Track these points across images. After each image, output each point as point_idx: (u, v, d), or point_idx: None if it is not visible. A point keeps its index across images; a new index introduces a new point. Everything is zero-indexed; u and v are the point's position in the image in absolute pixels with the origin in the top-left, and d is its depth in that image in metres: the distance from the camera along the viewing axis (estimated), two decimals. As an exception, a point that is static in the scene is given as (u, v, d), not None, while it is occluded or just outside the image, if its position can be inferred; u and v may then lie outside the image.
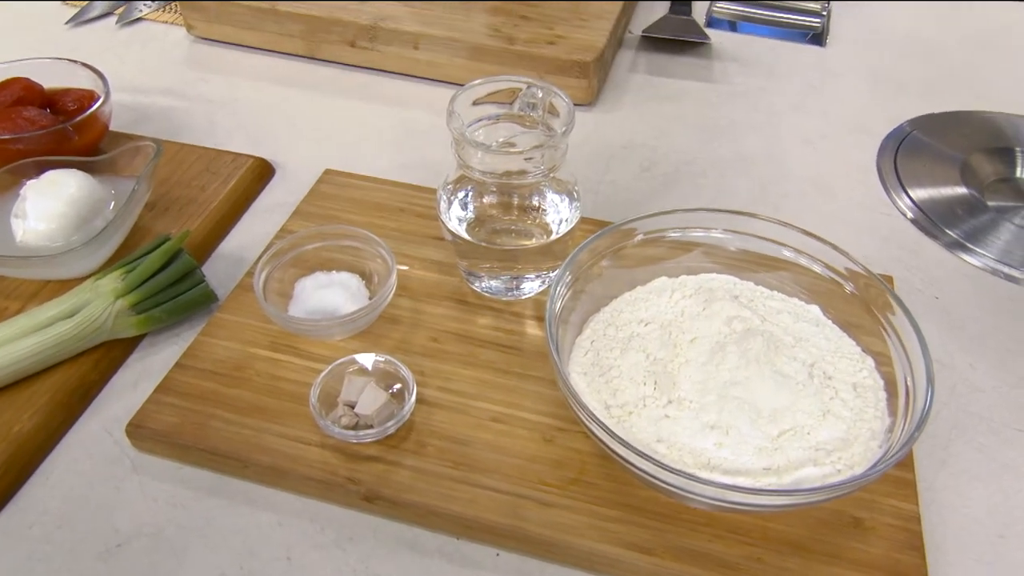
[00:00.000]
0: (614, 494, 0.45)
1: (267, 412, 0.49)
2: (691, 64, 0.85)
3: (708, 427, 0.42)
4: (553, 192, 0.53)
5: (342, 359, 0.50)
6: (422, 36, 0.78)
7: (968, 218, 0.67)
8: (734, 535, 0.43)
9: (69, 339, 0.51)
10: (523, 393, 0.51)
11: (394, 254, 0.54)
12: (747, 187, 0.69)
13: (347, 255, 0.57)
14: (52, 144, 0.62)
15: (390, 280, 0.52)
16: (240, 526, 0.46)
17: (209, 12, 0.84)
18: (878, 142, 0.75)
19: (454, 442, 0.48)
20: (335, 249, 0.57)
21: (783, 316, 0.48)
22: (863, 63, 0.86)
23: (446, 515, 0.45)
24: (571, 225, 0.53)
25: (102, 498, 0.47)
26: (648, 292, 0.51)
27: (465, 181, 0.53)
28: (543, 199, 0.54)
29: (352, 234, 0.56)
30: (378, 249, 0.55)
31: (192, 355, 0.53)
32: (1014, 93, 0.82)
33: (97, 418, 0.51)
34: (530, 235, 0.54)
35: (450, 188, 0.54)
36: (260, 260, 0.54)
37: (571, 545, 0.43)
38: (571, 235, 0.53)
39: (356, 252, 0.57)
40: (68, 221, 0.57)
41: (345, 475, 0.46)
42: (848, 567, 0.42)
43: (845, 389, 0.44)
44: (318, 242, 0.56)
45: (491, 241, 0.54)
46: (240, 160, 0.68)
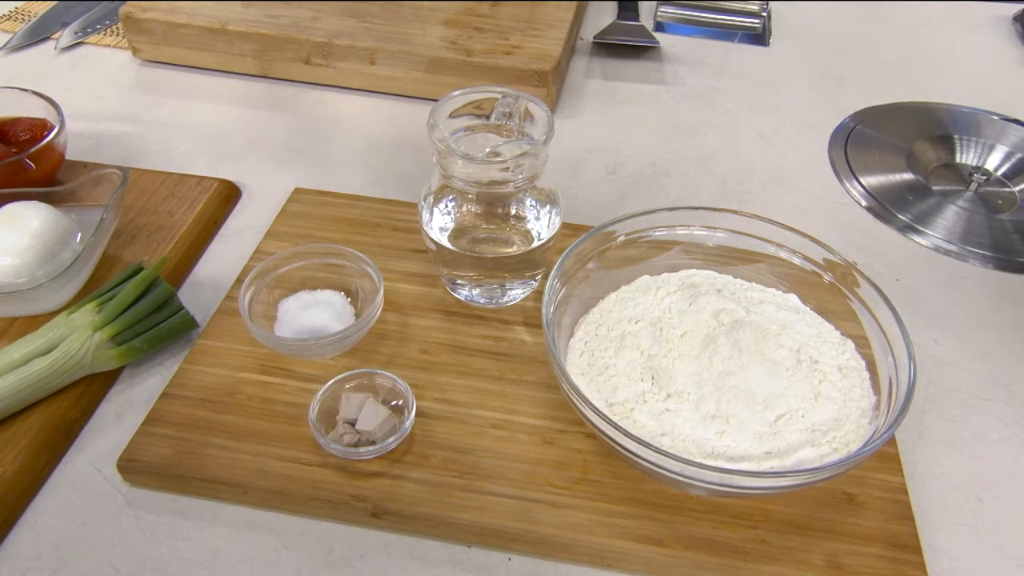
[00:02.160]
0: (619, 490, 0.46)
1: (263, 435, 0.49)
2: (643, 67, 0.87)
3: (709, 417, 0.43)
4: (534, 200, 0.54)
5: (337, 377, 0.49)
6: (378, 51, 0.78)
7: (917, 202, 0.71)
8: (737, 520, 0.45)
9: (48, 376, 0.49)
10: (519, 399, 0.51)
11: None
12: (710, 185, 0.72)
13: (328, 273, 0.56)
14: (7, 176, 0.60)
15: (378, 296, 0.52)
16: (246, 553, 0.45)
17: (156, 34, 0.82)
18: (827, 135, 0.79)
19: (457, 452, 0.48)
20: (316, 268, 0.56)
21: (765, 306, 0.50)
22: (805, 61, 0.90)
23: (457, 524, 0.45)
24: (553, 232, 0.54)
25: (97, 537, 0.46)
26: (633, 291, 0.52)
27: (447, 191, 0.54)
28: (524, 207, 0.55)
29: (335, 252, 0.55)
30: (362, 266, 0.55)
31: (178, 384, 0.51)
32: (942, 84, 0.86)
33: (83, 455, 0.50)
34: (512, 243, 0.55)
35: (431, 199, 0.54)
36: (244, 282, 0.53)
37: (583, 543, 0.44)
38: (552, 242, 0.54)
39: (338, 269, 0.56)
40: (34, 255, 0.55)
41: (350, 493, 0.46)
42: (847, 541, 0.44)
43: (832, 372, 0.46)
44: (301, 261, 0.55)
45: (473, 250, 0.54)
46: (205, 183, 0.67)
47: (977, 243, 0.68)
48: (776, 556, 0.44)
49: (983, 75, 0.89)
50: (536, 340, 0.55)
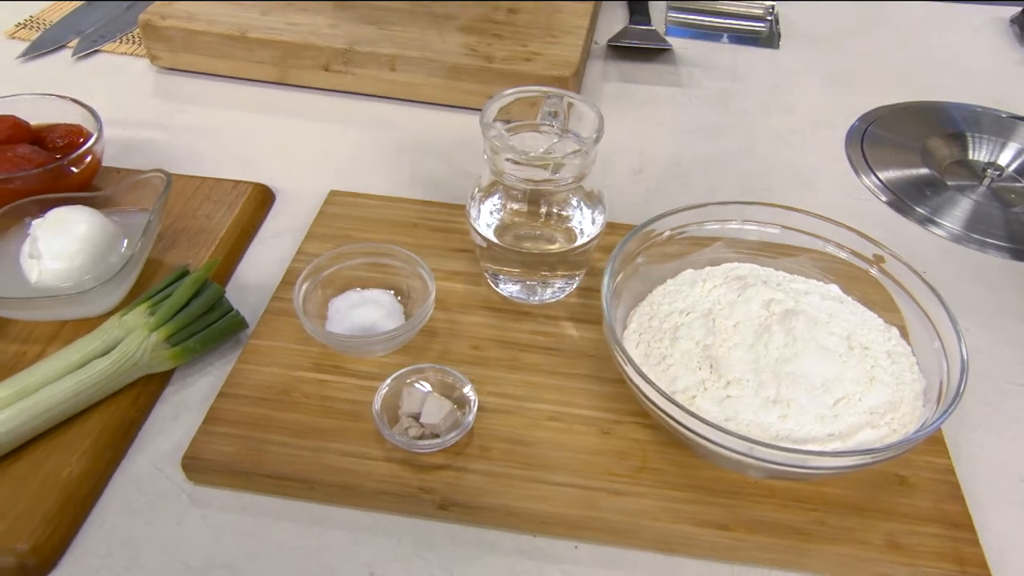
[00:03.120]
0: (680, 477, 0.47)
1: (324, 432, 0.49)
2: (658, 70, 0.89)
3: (770, 402, 0.45)
4: (580, 199, 0.55)
5: (397, 372, 0.50)
6: (399, 58, 0.79)
7: (934, 197, 0.73)
8: (796, 503, 0.46)
9: (108, 377, 0.49)
10: (572, 391, 0.52)
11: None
12: (733, 184, 0.73)
13: (375, 272, 0.57)
14: (49, 181, 0.60)
15: (430, 295, 0.53)
16: (314, 547, 0.45)
17: (175, 42, 0.82)
18: (842, 134, 0.81)
19: (517, 443, 0.49)
20: (363, 267, 0.57)
21: (811, 296, 0.51)
22: (814, 63, 0.92)
23: (523, 514, 0.46)
24: (597, 231, 0.55)
25: (165, 535, 0.46)
26: (680, 284, 0.54)
27: (495, 188, 0.55)
28: (570, 206, 0.56)
29: (386, 251, 0.56)
30: (412, 265, 0.56)
31: (234, 383, 0.52)
32: (948, 84, 0.89)
33: (143, 455, 0.50)
34: (556, 241, 0.56)
35: (479, 195, 0.55)
36: (297, 281, 0.54)
37: (649, 529, 0.45)
38: (596, 241, 0.56)
39: (384, 269, 0.57)
40: (84, 259, 0.55)
41: (417, 485, 0.46)
42: (903, 521, 0.46)
43: (881, 357, 0.48)
44: (350, 260, 0.56)
45: (519, 246, 0.55)
46: (240, 187, 0.67)
47: (995, 235, 0.70)
48: (837, 537, 0.45)
49: (986, 75, 0.92)
50: (583, 335, 0.56)
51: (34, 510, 0.45)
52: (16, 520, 0.44)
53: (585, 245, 0.55)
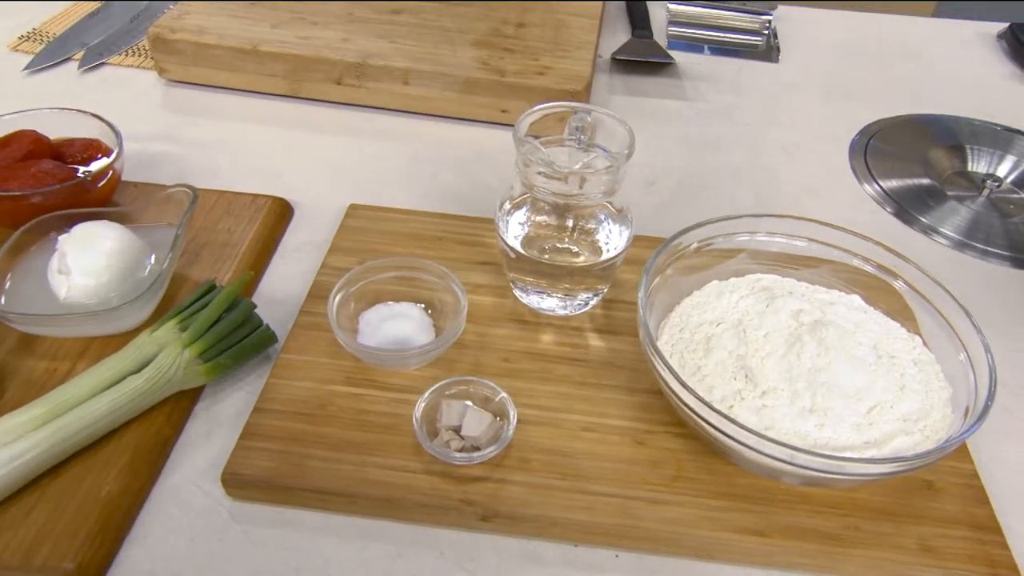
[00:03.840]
0: (715, 485, 0.48)
1: (363, 445, 0.49)
2: (662, 84, 0.91)
3: (806, 411, 0.46)
4: (607, 214, 0.56)
5: (435, 386, 0.51)
6: (412, 71, 0.80)
7: (936, 207, 0.75)
8: (830, 509, 0.47)
9: (142, 394, 0.49)
10: (604, 402, 0.53)
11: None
12: (745, 196, 0.75)
13: (402, 286, 0.58)
14: (70, 197, 0.60)
15: (463, 309, 0.54)
16: (360, 561, 0.46)
17: (185, 55, 0.82)
18: (845, 146, 0.83)
19: (554, 454, 0.50)
20: (391, 281, 0.57)
21: (836, 307, 0.53)
22: (813, 77, 0.94)
23: (566, 524, 0.46)
24: (623, 247, 0.56)
25: (207, 552, 0.46)
26: (707, 296, 0.55)
27: (525, 201, 0.56)
28: (597, 220, 0.57)
29: (418, 265, 0.57)
30: (444, 279, 0.56)
31: (268, 398, 0.52)
32: (942, 98, 0.91)
33: (179, 471, 0.50)
34: (582, 255, 0.57)
35: (508, 206, 0.56)
36: (330, 295, 0.54)
37: (688, 537, 0.46)
38: (622, 257, 0.56)
39: (411, 282, 0.58)
40: (112, 275, 0.55)
41: (459, 498, 0.47)
42: (933, 524, 0.47)
43: (909, 366, 0.49)
44: (385, 273, 0.57)
45: (546, 259, 0.56)
46: (259, 201, 0.67)
47: (995, 244, 0.72)
48: (870, 541, 0.46)
49: (977, 88, 0.94)
50: (609, 346, 0.57)
51: (77, 528, 0.44)
52: (59, 539, 0.44)
53: (612, 259, 0.56)
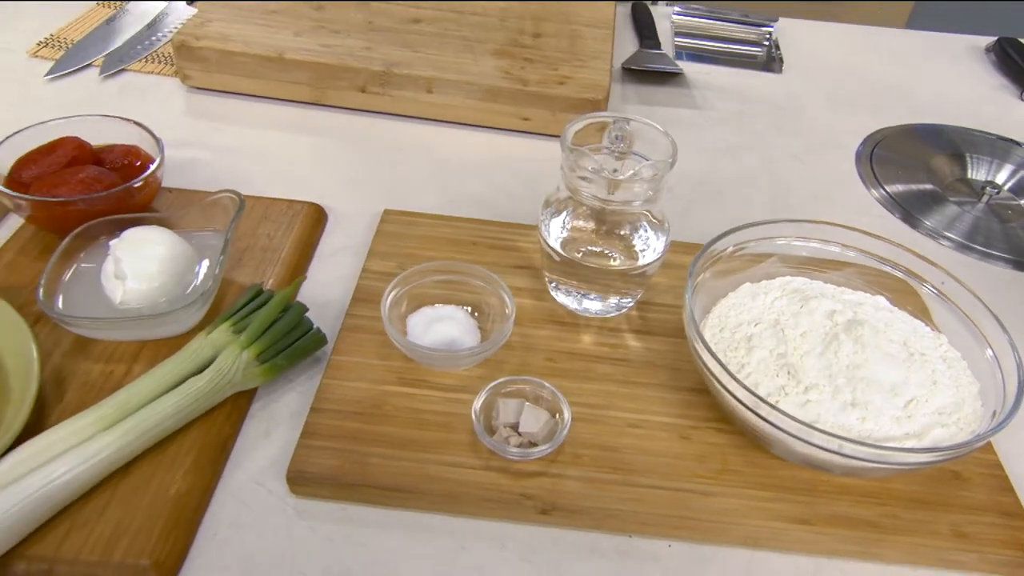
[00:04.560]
0: (760, 477, 0.51)
1: (420, 443, 0.51)
2: (673, 93, 0.93)
3: (848, 405, 0.48)
4: (647, 221, 0.59)
5: (490, 385, 0.52)
6: (436, 80, 0.82)
7: (939, 212, 0.79)
8: (868, 499, 0.50)
9: (205, 394, 0.51)
10: (647, 400, 0.55)
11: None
12: (761, 201, 0.78)
13: (444, 289, 0.59)
14: (114, 203, 0.60)
15: (511, 312, 0.56)
16: (425, 554, 0.47)
17: (209, 63, 0.83)
18: (851, 153, 0.86)
19: (605, 450, 0.52)
20: (435, 285, 0.59)
21: (865, 307, 0.56)
22: (815, 86, 0.98)
23: (622, 516, 0.49)
24: (659, 254, 0.58)
25: (277, 546, 0.47)
26: (741, 297, 0.57)
27: (567, 205, 0.58)
28: (636, 227, 0.59)
29: (464, 270, 0.59)
30: (490, 283, 0.58)
31: (324, 398, 0.53)
32: (938, 108, 0.96)
33: (241, 470, 0.51)
34: (620, 258, 0.59)
35: (551, 210, 0.58)
36: (384, 299, 0.55)
37: (738, 526, 0.48)
38: (659, 263, 0.59)
39: (454, 286, 0.59)
40: (165, 279, 0.56)
41: (519, 492, 0.49)
42: (964, 512, 0.50)
43: (938, 362, 0.52)
44: (433, 276, 0.58)
45: (586, 261, 0.58)
46: (295, 207, 0.69)
47: (997, 247, 0.76)
48: (908, 528, 0.49)
49: (971, 99, 0.99)
50: (647, 346, 0.59)
51: (151, 526, 0.45)
52: (135, 536, 0.45)
53: (650, 264, 0.58)
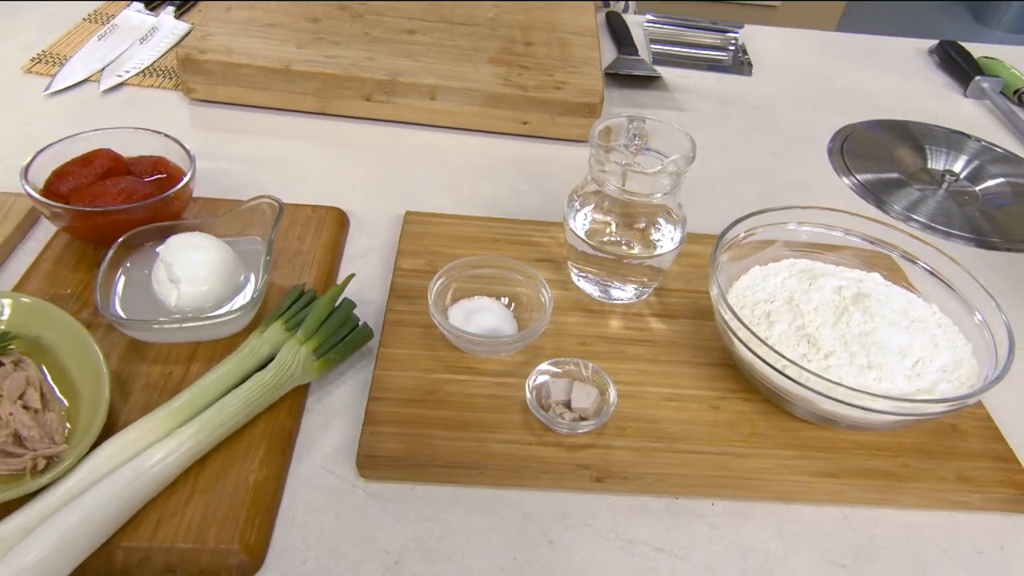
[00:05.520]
0: (786, 439, 0.56)
1: (477, 424, 0.55)
2: (655, 96, 0.99)
3: (865, 368, 0.54)
4: (665, 213, 0.63)
5: (540, 366, 0.56)
6: (440, 88, 0.85)
7: (904, 198, 0.86)
8: (882, 452, 0.56)
9: (270, 389, 0.53)
10: (677, 375, 0.60)
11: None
12: (752, 194, 0.84)
13: (480, 283, 0.63)
14: (153, 212, 0.62)
15: (549, 301, 0.60)
16: (493, 525, 0.51)
17: (214, 75, 0.85)
18: (823, 148, 0.93)
19: (646, 422, 0.56)
20: (469, 279, 0.63)
21: (866, 283, 0.62)
22: (783, 87, 1.05)
23: (670, 479, 0.53)
24: (675, 245, 0.62)
25: (354, 527, 0.50)
26: (753, 279, 0.63)
27: (592, 198, 0.62)
28: (656, 218, 0.63)
29: (503, 264, 0.62)
30: (526, 276, 0.62)
31: (380, 388, 0.56)
32: (894, 105, 1.04)
33: (308, 460, 0.53)
34: (640, 248, 0.63)
35: (577, 203, 0.63)
36: (430, 293, 0.59)
37: (774, 483, 0.53)
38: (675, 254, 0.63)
39: (489, 279, 0.63)
40: (215, 282, 0.58)
41: (575, 463, 0.53)
42: (965, 459, 0.56)
43: (934, 327, 0.58)
44: (473, 270, 0.62)
45: (609, 250, 0.63)
46: (320, 212, 0.71)
47: (959, 228, 0.84)
48: (920, 476, 0.55)
49: (921, 97, 1.07)
50: (669, 327, 0.64)
51: (236, 513, 0.48)
52: (223, 523, 0.47)
53: (669, 252, 0.63)
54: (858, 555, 0.52)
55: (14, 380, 0.50)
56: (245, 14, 0.92)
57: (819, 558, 0.51)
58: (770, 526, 0.53)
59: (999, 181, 0.91)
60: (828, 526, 0.53)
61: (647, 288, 0.66)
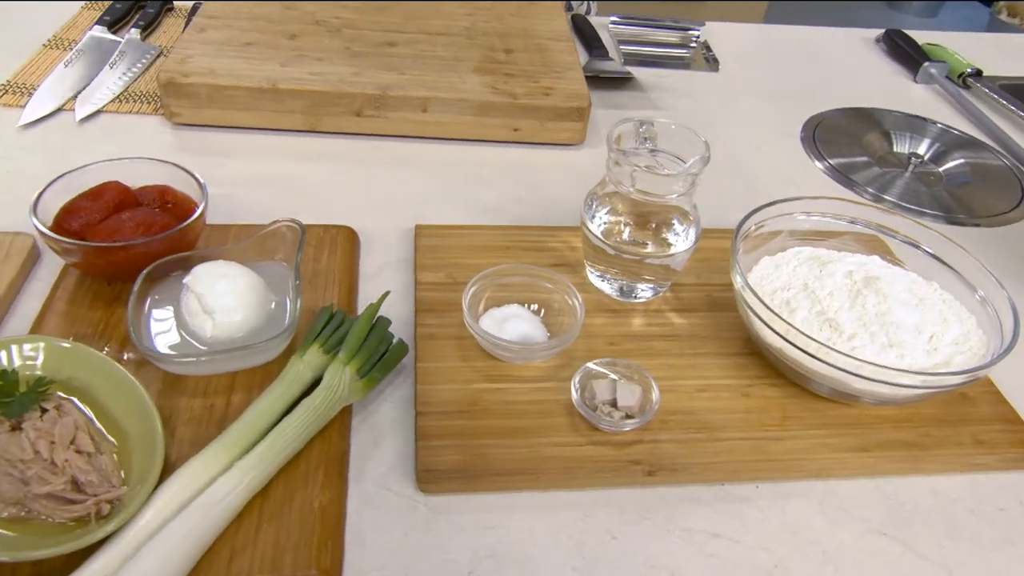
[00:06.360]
0: (816, 419, 0.59)
1: (525, 430, 0.56)
2: (632, 96, 1.02)
3: (887, 347, 0.57)
4: (680, 215, 0.65)
5: (582, 368, 0.58)
6: (431, 99, 0.86)
7: (876, 180, 0.91)
8: (904, 423, 0.59)
9: (322, 411, 0.53)
10: (704, 367, 0.62)
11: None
12: (739, 186, 0.87)
13: (507, 292, 0.64)
14: (171, 243, 0.61)
15: (580, 307, 0.61)
16: (556, 527, 0.52)
17: (199, 98, 0.84)
18: (797, 139, 0.97)
19: (684, 414, 0.58)
20: (496, 288, 0.64)
21: (870, 265, 0.65)
22: (749, 82, 1.09)
23: (715, 467, 0.55)
24: (688, 246, 0.65)
25: (420, 542, 0.51)
26: (766, 269, 0.66)
27: (608, 200, 0.64)
28: (670, 221, 0.66)
29: (530, 272, 0.64)
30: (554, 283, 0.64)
31: (424, 403, 0.57)
32: (854, 93, 1.09)
33: (364, 480, 0.54)
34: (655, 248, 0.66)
35: (595, 203, 0.65)
36: (464, 304, 0.60)
37: (812, 462, 0.56)
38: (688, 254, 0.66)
39: (514, 288, 0.64)
40: (250, 309, 0.58)
41: (626, 459, 0.55)
42: (978, 424, 0.60)
43: (939, 303, 0.62)
44: (500, 279, 0.63)
45: (626, 250, 0.65)
46: (331, 231, 0.71)
47: (928, 206, 0.89)
48: (941, 443, 0.58)
49: (875, 84, 1.13)
50: (690, 322, 0.66)
51: (307, 539, 0.48)
52: (297, 550, 0.47)
53: (684, 252, 0.65)
54: (896, 522, 0.55)
55: (64, 425, 0.48)
56: (220, 34, 0.91)
57: (862, 529, 0.54)
58: (812, 503, 0.56)
59: (960, 162, 0.97)
60: (864, 498, 0.56)
61: (664, 285, 0.68)
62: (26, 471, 0.46)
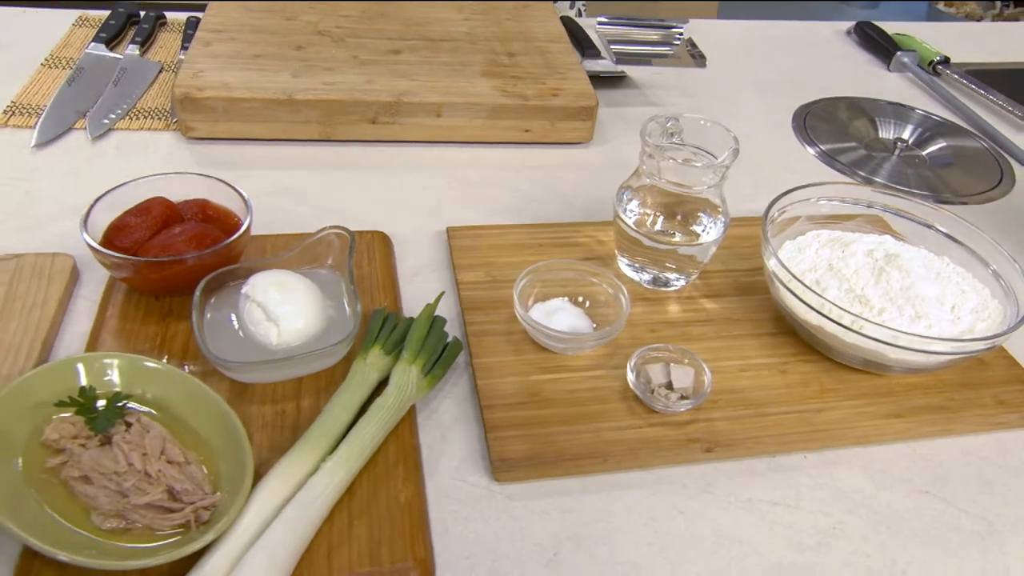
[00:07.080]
0: (851, 390, 0.63)
1: (587, 416, 0.58)
2: (629, 94, 1.05)
3: (916, 318, 0.61)
4: (709, 207, 0.69)
5: (637, 353, 0.61)
6: (445, 104, 0.88)
7: (866, 164, 0.96)
8: (930, 389, 0.64)
9: (395, 410, 0.55)
10: (741, 348, 0.66)
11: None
12: (743, 175, 0.91)
13: (548, 287, 0.67)
14: (221, 256, 0.62)
15: (625, 299, 0.64)
16: (628, 506, 0.55)
17: (215, 112, 0.84)
18: (789, 128, 1.02)
19: (731, 393, 0.62)
20: (540, 283, 0.66)
21: (887, 244, 0.69)
22: (737, 76, 1.13)
23: (767, 441, 0.59)
24: (717, 236, 0.68)
25: (503, 529, 0.53)
26: (790, 252, 0.69)
27: (640, 192, 0.67)
28: (700, 212, 0.69)
29: (577, 267, 0.66)
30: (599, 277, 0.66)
31: (488, 396, 0.59)
32: (834, 83, 1.14)
33: (438, 473, 0.56)
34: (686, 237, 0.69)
35: (628, 195, 0.67)
36: (515, 300, 0.62)
37: (853, 430, 0.60)
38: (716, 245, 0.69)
39: (557, 283, 0.67)
40: (310, 315, 0.59)
41: (686, 438, 0.58)
42: (996, 386, 0.65)
43: (955, 275, 0.67)
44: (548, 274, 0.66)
45: (659, 239, 0.68)
46: (365, 237, 0.73)
47: (916, 186, 0.94)
48: (966, 406, 0.63)
49: (852, 73, 1.18)
50: (721, 307, 0.70)
51: (400, 533, 0.50)
52: (392, 543, 0.49)
53: (714, 240, 0.68)
54: (935, 481, 0.59)
55: (152, 437, 0.49)
56: (227, 48, 0.91)
57: (906, 489, 0.58)
58: (857, 468, 0.59)
59: (941, 145, 1.02)
60: (902, 460, 0.60)
61: (694, 273, 0.71)
62: (123, 483, 0.47)
